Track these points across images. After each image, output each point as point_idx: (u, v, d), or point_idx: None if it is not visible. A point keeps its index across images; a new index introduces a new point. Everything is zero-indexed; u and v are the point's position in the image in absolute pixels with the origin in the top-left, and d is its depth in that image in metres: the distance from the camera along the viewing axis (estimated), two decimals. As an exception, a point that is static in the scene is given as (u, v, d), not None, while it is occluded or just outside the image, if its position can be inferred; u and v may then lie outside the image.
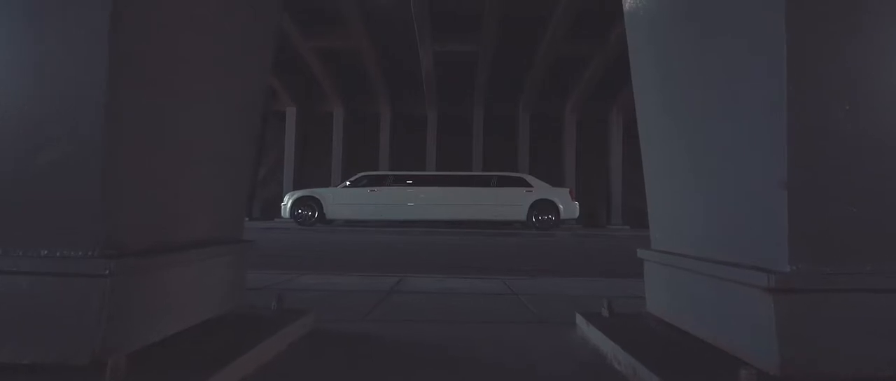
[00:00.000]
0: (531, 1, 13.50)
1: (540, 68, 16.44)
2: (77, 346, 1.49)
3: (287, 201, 14.64)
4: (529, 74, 17.24)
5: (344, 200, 14.63)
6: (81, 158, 1.46)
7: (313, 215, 14.41)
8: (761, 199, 1.57)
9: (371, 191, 14.68)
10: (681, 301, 2.16)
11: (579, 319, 2.59)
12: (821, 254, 1.48)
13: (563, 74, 17.50)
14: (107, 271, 1.46)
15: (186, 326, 1.97)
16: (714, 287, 1.84)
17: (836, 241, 1.50)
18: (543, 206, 14.67)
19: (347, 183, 15.07)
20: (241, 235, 2.46)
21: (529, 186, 14.97)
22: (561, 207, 14.68)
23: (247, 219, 15.34)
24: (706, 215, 1.96)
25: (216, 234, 2.22)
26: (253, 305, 2.60)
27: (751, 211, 1.63)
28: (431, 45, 15.10)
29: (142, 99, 1.63)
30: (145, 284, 1.68)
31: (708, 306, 1.92)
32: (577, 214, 15.04)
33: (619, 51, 14.67)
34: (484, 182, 15.24)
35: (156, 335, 1.77)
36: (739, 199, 1.70)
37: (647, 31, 2.42)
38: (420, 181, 15.29)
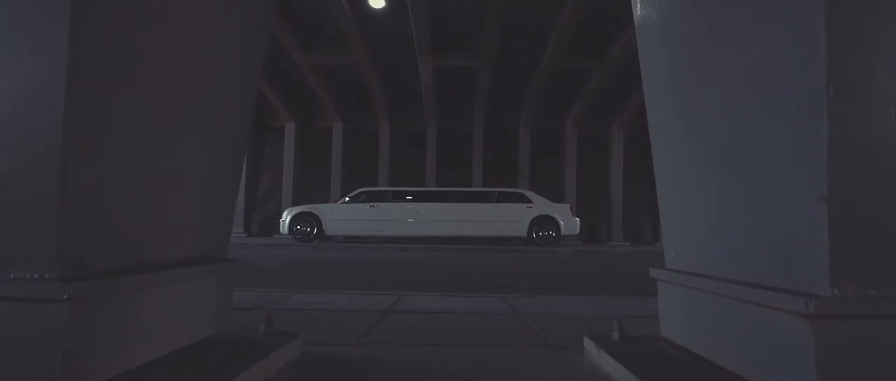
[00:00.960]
0: (531, 16, 13.43)
1: (540, 83, 16.35)
2: (35, 379, 1.33)
3: (285, 217, 14.48)
4: (530, 89, 17.15)
5: (343, 216, 14.48)
6: (37, 166, 1.30)
7: (312, 231, 14.25)
8: (797, 215, 1.42)
9: (370, 207, 14.53)
10: (700, 326, 2.00)
11: (587, 342, 2.43)
12: (866, 276, 1.32)
13: (564, 90, 17.40)
14: (65, 296, 1.30)
15: (163, 353, 1.81)
16: (739, 311, 1.68)
17: (883, 261, 1.34)
18: (544, 222, 14.52)
19: (346, 199, 14.92)
20: (227, 253, 2.30)
21: (530, 201, 14.83)
22: (561, 223, 14.54)
23: (245, 235, 15.24)
24: (730, 232, 1.80)
25: (198, 252, 2.06)
26: (241, 327, 2.44)
27: (784, 228, 1.48)
28: (431, 59, 15.01)
29: (112, 101, 1.48)
30: (114, 308, 1.53)
31: (732, 333, 1.76)
32: (577, 230, 14.89)
33: (621, 66, 14.60)
34: (484, 198, 15.09)
35: (126, 364, 1.60)
36: (770, 214, 1.55)
37: (659, 33, 2.28)
38: (420, 197, 15.15)
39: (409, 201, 14.94)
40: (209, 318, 2.09)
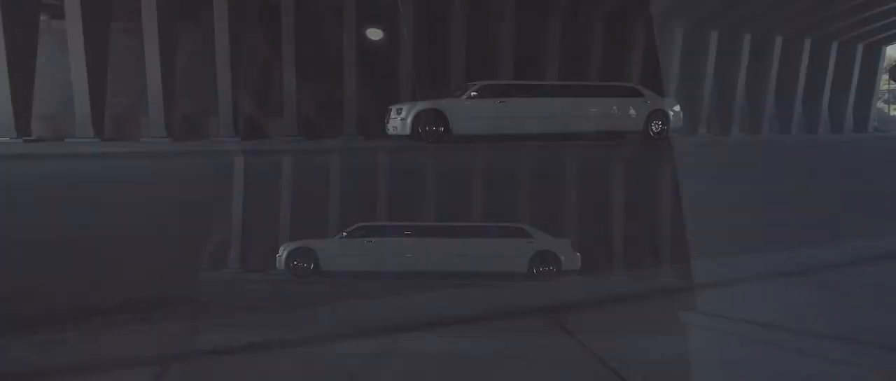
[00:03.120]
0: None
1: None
2: None
3: (282, 253, 14.17)
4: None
5: (341, 251, 14.16)
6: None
7: (309, 266, 13.93)
8: None
9: (368, 242, 14.23)
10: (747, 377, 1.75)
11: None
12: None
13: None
14: None
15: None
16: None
17: None
18: (545, 257, 14.21)
19: (344, 234, 14.63)
20: None
21: (530, 236, 14.54)
22: (562, 258, 14.22)
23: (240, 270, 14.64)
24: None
25: None
26: None
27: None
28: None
29: None
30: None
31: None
32: (578, 265, 14.56)
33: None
34: (483, 233, 14.79)
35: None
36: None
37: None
38: (418, 232, 14.87)
39: (407, 236, 14.64)
40: None
